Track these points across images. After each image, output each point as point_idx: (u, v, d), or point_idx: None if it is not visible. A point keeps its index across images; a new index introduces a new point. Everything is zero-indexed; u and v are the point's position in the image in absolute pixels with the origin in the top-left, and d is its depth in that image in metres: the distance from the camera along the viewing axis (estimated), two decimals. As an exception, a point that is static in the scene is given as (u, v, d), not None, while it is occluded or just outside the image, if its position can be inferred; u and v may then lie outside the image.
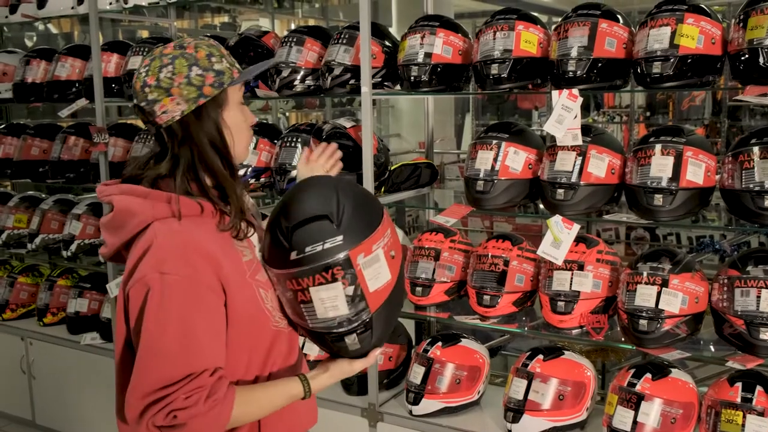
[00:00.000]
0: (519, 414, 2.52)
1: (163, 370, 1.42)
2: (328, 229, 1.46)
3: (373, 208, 1.56)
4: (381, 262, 1.52)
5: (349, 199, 1.52)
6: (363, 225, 1.50)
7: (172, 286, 1.44)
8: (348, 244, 1.46)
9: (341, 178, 1.66)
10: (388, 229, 1.56)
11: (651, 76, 2.32)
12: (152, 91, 1.51)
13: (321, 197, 1.51)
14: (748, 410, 2.19)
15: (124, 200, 1.53)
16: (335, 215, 1.47)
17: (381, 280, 1.52)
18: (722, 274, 2.34)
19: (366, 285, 1.49)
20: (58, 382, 3.96)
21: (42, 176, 4.06)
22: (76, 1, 3.75)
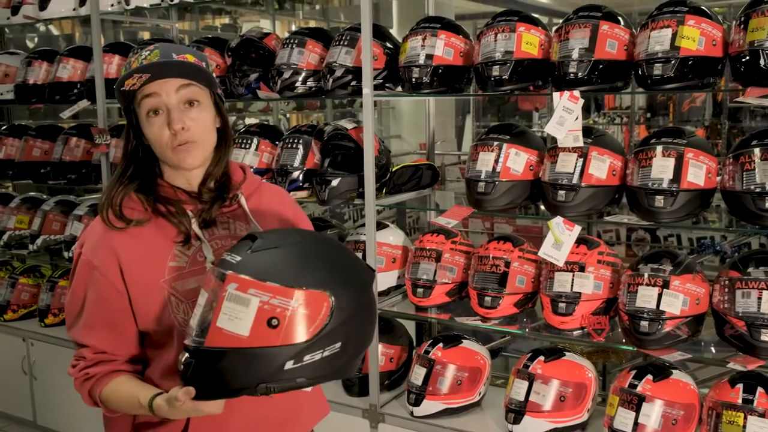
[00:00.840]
0: (520, 415, 2.52)
1: (67, 323, 1.67)
2: (242, 247, 1.44)
3: (305, 278, 1.38)
4: (247, 311, 1.35)
5: (298, 252, 1.44)
6: (270, 269, 1.38)
7: (79, 266, 1.63)
8: (235, 267, 1.39)
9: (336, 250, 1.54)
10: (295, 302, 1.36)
11: (652, 78, 2.33)
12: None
13: (290, 235, 1.52)
14: (749, 411, 2.19)
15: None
16: (260, 244, 1.42)
17: (233, 326, 1.35)
18: (723, 276, 2.34)
19: (217, 315, 1.37)
20: (59, 383, 3.96)
21: (43, 177, 4.06)
22: (77, 3, 3.75)
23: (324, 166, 2.95)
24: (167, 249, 1.62)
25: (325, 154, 2.98)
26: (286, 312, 1.35)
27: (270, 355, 1.35)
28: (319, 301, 1.38)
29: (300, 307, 1.36)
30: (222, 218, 1.70)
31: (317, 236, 1.60)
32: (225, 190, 1.71)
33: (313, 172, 3.00)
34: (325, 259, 1.47)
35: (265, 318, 1.35)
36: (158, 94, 1.56)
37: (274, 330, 1.35)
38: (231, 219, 1.72)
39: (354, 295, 1.44)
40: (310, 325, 1.37)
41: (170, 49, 1.60)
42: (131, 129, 1.64)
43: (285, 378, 1.38)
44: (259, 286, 1.36)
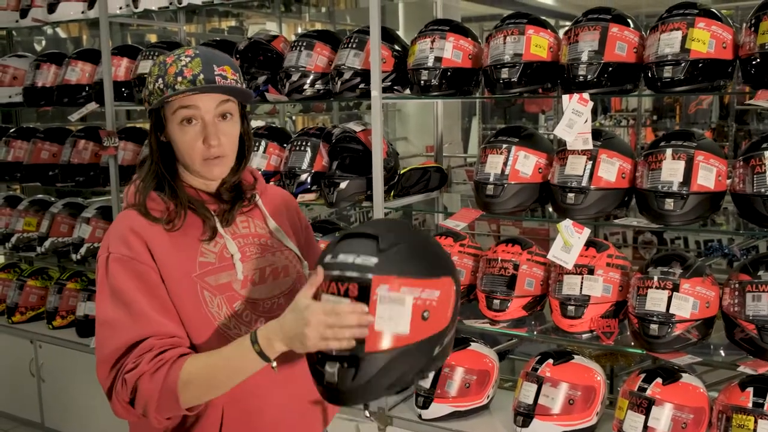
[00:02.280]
0: (529, 418, 2.51)
1: (114, 341, 1.48)
2: (369, 248, 1.37)
3: (435, 265, 1.43)
4: (404, 309, 1.35)
5: (415, 241, 1.45)
6: (407, 265, 1.37)
7: (114, 264, 1.53)
8: (378, 269, 1.34)
9: (424, 232, 1.55)
10: (437, 290, 1.39)
11: (662, 81, 2.32)
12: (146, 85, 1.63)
13: (391, 227, 1.47)
14: (759, 415, 2.19)
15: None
16: (385, 241, 1.38)
17: (394, 326, 1.34)
18: (733, 279, 2.34)
19: (374, 311, 1.33)
20: (66, 385, 3.97)
21: (52, 180, 4.07)
22: (86, 6, 3.77)
23: (332, 168, 2.96)
24: (195, 246, 1.61)
25: (333, 156, 2.98)
26: (434, 303, 1.39)
27: (427, 346, 1.39)
28: (449, 287, 1.43)
29: (441, 295, 1.41)
30: (241, 217, 1.72)
31: (408, 227, 1.60)
32: (241, 191, 1.73)
33: (322, 174, 3.00)
34: (433, 248, 1.50)
35: (419, 312, 1.36)
36: (197, 107, 1.56)
37: (426, 322, 1.38)
38: (249, 218, 1.73)
39: (457, 275, 1.50)
40: (448, 310, 1.43)
41: (210, 59, 1.58)
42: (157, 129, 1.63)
43: (434, 364, 1.44)
44: (409, 283, 1.36)
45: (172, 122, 1.58)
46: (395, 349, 1.34)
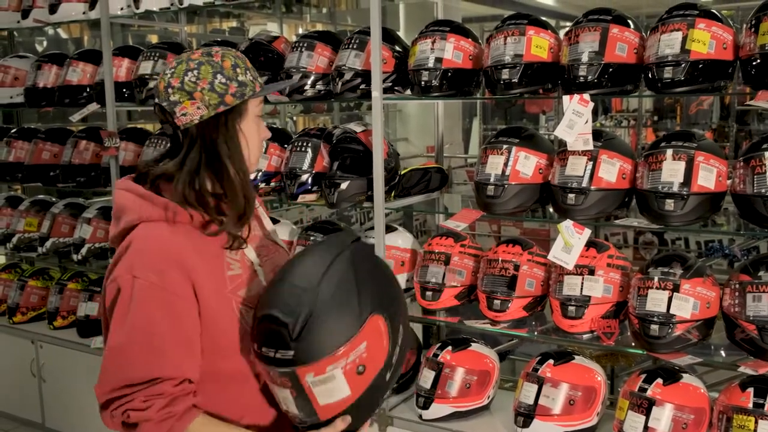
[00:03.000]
0: (529, 419, 2.52)
1: (126, 370, 1.45)
2: (282, 339, 1.39)
3: (354, 314, 1.42)
4: (336, 382, 1.41)
5: (328, 294, 1.42)
6: (323, 342, 1.39)
7: (141, 291, 1.45)
8: (297, 360, 1.38)
9: (343, 252, 1.49)
10: (363, 343, 1.42)
11: (662, 81, 2.32)
12: (175, 93, 1.53)
13: (302, 281, 1.44)
14: (760, 416, 2.19)
15: (123, 196, 1.57)
16: (295, 326, 1.38)
17: (335, 396, 1.42)
18: (734, 279, 2.34)
19: (315, 399, 1.42)
20: (67, 386, 3.97)
21: (53, 180, 4.08)
22: (87, 7, 3.77)
23: (333, 169, 2.96)
24: (221, 257, 1.57)
25: (334, 157, 2.99)
26: (364, 355, 1.43)
27: (377, 386, 1.47)
28: (375, 326, 1.45)
29: (368, 343, 1.43)
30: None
31: (322, 270, 1.47)
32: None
33: (322, 175, 3.01)
34: (347, 289, 1.45)
35: (353, 373, 1.42)
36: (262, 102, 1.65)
37: (364, 374, 1.44)
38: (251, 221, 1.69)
39: (377, 284, 1.51)
40: (382, 345, 1.46)
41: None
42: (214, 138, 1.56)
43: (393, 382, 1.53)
44: (331, 359, 1.39)
45: (251, 114, 1.59)
46: (346, 408, 1.45)
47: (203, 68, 1.53)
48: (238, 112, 1.57)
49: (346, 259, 1.48)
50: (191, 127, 1.54)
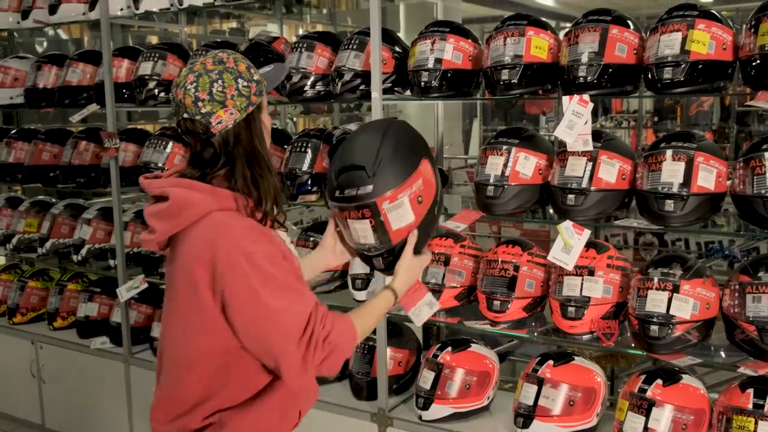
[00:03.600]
0: (529, 419, 2.52)
1: (296, 319, 1.64)
2: (362, 178, 1.78)
3: (410, 160, 1.83)
4: (405, 208, 1.83)
5: (389, 149, 1.80)
6: (393, 176, 1.79)
7: (263, 260, 1.64)
8: (376, 193, 1.78)
9: (391, 125, 1.90)
10: (420, 179, 1.83)
11: (662, 82, 2.33)
12: (206, 105, 1.67)
13: (366, 146, 1.82)
14: (760, 417, 2.19)
15: (183, 193, 1.68)
16: (371, 166, 1.78)
17: (404, 221, 1.84)
18: (733, 280, 2.34)
19: (389, 224, 1.82)
20: (67, 386, 3.97)
21: (53, 181, 4.08)
22: (87, 7, 3.77)
23: (333, 169, 2.96)
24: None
25: (333, 157, 2.98)
26: (421, 188, 1.85)
27: (430, 217, 1.90)
28: (426, 167, 1.86)
29: (423, 179, 1.85)
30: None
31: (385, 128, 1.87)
32: None
33: (322, 175, 3.01)
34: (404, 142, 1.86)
35: (415, 202, 1.84)
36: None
37: (422, 203, 1.86)
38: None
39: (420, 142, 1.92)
40: (432, 182, 1.89)
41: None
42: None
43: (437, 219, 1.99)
44: (400, 189, 1.80)
45: (264, 108, 1.81)
46: (412, 228, 1.85)
47: (225, 76, 1.68)
48: (259, 108, 1.77)
49: (395, 126, 1.90)
50: (227, 132, 1.70)
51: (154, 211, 1.72)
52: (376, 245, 1.86)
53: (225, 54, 1.73)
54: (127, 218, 3.85)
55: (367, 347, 3.02)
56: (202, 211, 1.67)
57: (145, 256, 3.69)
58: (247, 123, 1.72)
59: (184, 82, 1.68)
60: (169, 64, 3.53)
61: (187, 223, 1.68)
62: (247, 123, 1.72)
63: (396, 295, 1.90)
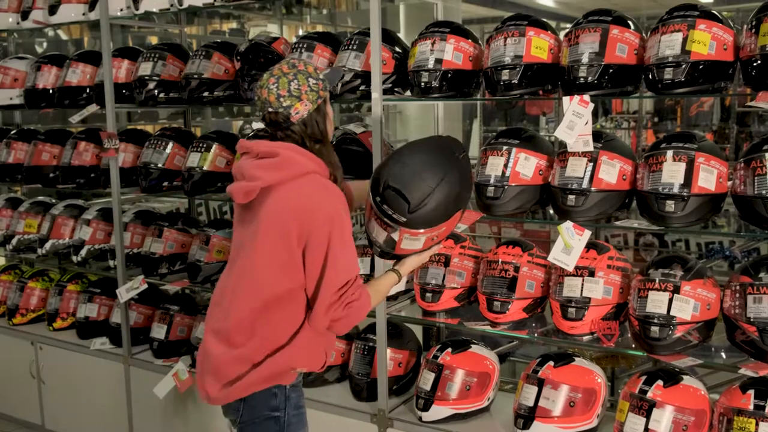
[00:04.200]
0: (530, 420, 2.51)
1: (344, 276, 2.08)
2: (402, 208, 2.07)
3: (448, 212, 2.13)
4: (418, 241, 2.17)
5: (440, 198, 2.08)
6: (426, 222, 2.10)
7: (344, 221, 2.10)
8: (405, 225, 2.10)
9: (451, 169, 2.11)
10: (444, 227, 2.16)
11: (662, 82, 2.32)
12: (286, 99, 2.12)
13: (422, 182, 2.07)
14: (761, 418, 2.18)
15: (291, 153, 2.12)
16: (415, 205, 2.06)
17: (413, 247, 2.20)
18: (734, 281, 2.33)
19: (399, 244, 2.18)
20: (67, 387, 3.97)
21: (52, 181, 4.07)
22: (87, 8, 3.77)
23: (333, 170, 2.96)
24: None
25: (333, 158, 2.98)
26: (442, 233, 2.20)
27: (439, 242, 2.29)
28: (457, 217, 2.19)
29: (446, 228, 2.18)
30: None
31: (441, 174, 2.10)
32: None
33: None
34: (452, 190, 2.10)
35: (431, 240, 2.20)
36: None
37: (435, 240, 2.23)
38: None
39: (468, 193, 2.23)
40: (454, 227, 2.26)
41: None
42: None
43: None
44: (423, 233, 2.14)
45: (328, 99, 2.22)
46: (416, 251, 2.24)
47: (300, 77, 2.13)
48: (326, 100, 2.21)
49: (455, 173, 2.11)
50: (304, 120, 2.15)
51: (261, 164, 2.11)
52: (382, 246, 2.22)
53: (296, 60, 2.19)
54: (126, 219, 3.85)
55: (367, 348, 3.02)
56: (303, 170, 2.09)
57: (144, 257, 3.69)
58: (318, 112, 2.16)
59: (267, 83, 2.12)
60: (168, 64, 3.52)
61: (290, 177, 2.08)
62: (317, 112, 2.16)
63: (399, 277, 2.27)
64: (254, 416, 2.19)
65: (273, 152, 2.12)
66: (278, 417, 2.20)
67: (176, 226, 3.73)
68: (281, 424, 2.20)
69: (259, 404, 2.18)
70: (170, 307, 3.65)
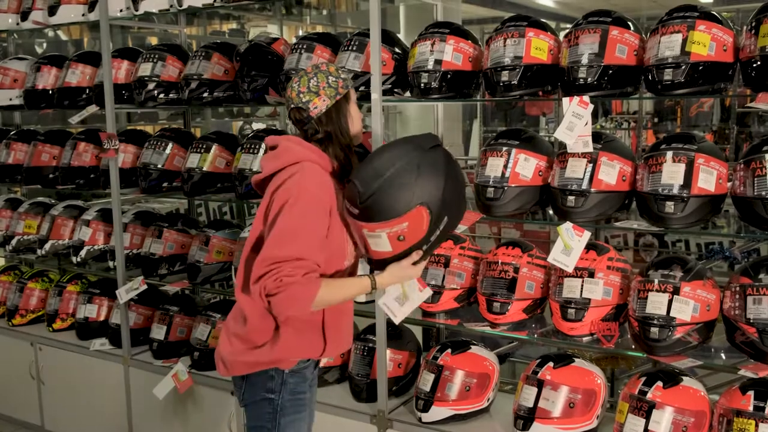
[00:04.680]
0: (529, 422, 2.51)
1: (284, 248, 2.02)
2: (355, 199, 2.06)
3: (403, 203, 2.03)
4: (382, 239, 2.09)
5: (390, 186, 2.03)
6: (378, 213, 2.04)
7: (304, 197, 2.08)
8: (360, 219, 2.08)
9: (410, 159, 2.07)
10: (406, 222, 2.05)
11: (662, 83, 2.32)
12: (305, 95, 2.21)
13: (374, 171, 2.05)
14: (760, 419, 2.18)
15: (288, 144, 2.21)
16: (365, 194, 2.03)
17: (381, 247, 2.11)
18: (734, 282, 2.33)
19: (368, 244, 2.14)
20: (67, 388, 3.97)
21: (52, 182, 4.07)
22: (86, 9, 3.77)
23: (332, 171, 2.96)
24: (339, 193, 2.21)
25: (333, 159, 2.98)
26: (405, 230, 2.06)
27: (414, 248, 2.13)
28: (418, 214, 2.05)
29: (410, 224, 2.05)
30: None
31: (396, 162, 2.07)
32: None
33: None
34: (406, 182, 2.03)
35: (395, 238, 2.08)
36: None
37: (404, 241, 2.09)
38: None
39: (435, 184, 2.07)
40: (422, 227, 2.08)
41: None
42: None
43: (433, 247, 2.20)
44: (375, 226, 2.06)
45: (353, 99, 2.30)
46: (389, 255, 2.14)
47: (319, 75, 2.22)
48: (346, 98, 2.26)
49: (416, 158, 2.07)
50: (322, 116, 2.22)
51: (267, 156, 2.24)
52: (360, 250, 2.23)
53: (321, 63, 2.34)
54: (126, 219, 3.85)
55: (367, 349, 3.02)
56: (296, 158, 2.15)
57: (144, 258, 3.69)
58: (337, 108, 2.23)
59: (291, 83, 2.23)
60: (168, 65, 3.52)
61: (284, 164, 2.15)
62: (336, 108, 2.23)
63: (374, 285, 2.19)
64: (253, 396, 2.26)
65: (274, 143, 2.25)
66: (272, 399, 2.25)
67: (176, 227, 3.73)
68: (274, 406, 2.25)
69: (257, 385, 2.25)
70: (170, 308, 3.65)
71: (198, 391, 3.44)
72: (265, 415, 2.26)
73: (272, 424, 2.26)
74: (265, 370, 2.23)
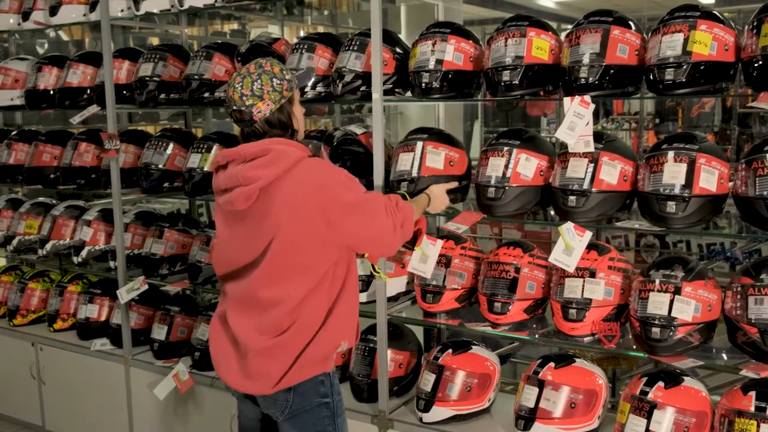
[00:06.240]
0: (530, 422, 2.51)
1: (376, 207, 2.26)
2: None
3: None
4: (440, 157, 2.71)
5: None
6: (446, 137, 2.71)
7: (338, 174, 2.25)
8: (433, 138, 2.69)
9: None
10: (458, 155, 2.67)
11: (664, 83, 2.32)
12: (248, 99, 2.18)
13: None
14: (762, 419, 2.18)
15: (281, 147, 2.18)
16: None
17: (435, 164, 2.72)
18: (736, 282, 2.33)
19: (425, 161, 2.73)
20: (68, 388, 3.97)
21: (53, 182, 4.07)
22: (88, 9, 3.77)
23: (333, 171, 2.96)
24: None
25: (334, 159, 2.98)
26: (456, 160, 2.77)
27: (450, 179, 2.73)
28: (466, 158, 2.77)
29: (460, 157, 2.79)
30: None
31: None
32: None
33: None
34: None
35: (447, 163, 2.71)
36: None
37: (453, 166, 2.72)
38: None
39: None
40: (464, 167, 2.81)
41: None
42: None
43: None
44: (445, 147, 2.75)
45: (296, 100, 2.29)
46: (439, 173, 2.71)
47: (263, 77, 2.19)
48: (290, 101, 2.25)
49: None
50: (264, 119, 2.20)
51: (256, 165, 2.14)
52: (409, 172, 2.68)
53: (264, 60, 2.24)
54: (127, 220, 3.85)
55: (368, 349, 3.01)
56: (296, 158, 2.16)
57: (145, 258, 3.69)
58: (281, 111, 2.22)
59: (233, 82, 2.19)
60: (169, 65, 3.52)
61: (287, 168, 2.14)
62: (281, 111, 2.21)
63: (429, 199, 2.59)
64: (306, 403, 2.26)
65: (264, 150, 2.17)
66: (328, 403, 2.31)
67: (177, 227, 3.73)
68: (331, 409, 2.31)
69: (309, 392, 2.26)
70: (171, 308, 3.65)
71: (199, 392, 3.44)
72: (324, 420, 2.30)
73: (332, 426, 2.32)
74: (315, 376, 2.26)
